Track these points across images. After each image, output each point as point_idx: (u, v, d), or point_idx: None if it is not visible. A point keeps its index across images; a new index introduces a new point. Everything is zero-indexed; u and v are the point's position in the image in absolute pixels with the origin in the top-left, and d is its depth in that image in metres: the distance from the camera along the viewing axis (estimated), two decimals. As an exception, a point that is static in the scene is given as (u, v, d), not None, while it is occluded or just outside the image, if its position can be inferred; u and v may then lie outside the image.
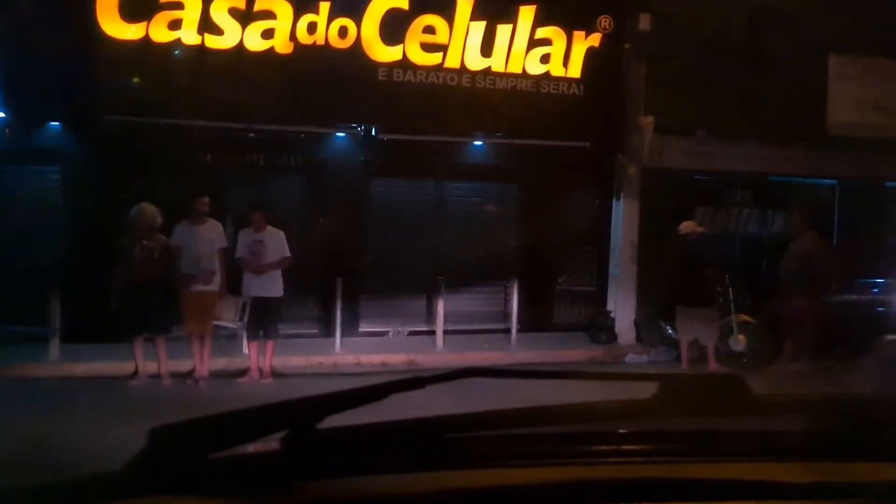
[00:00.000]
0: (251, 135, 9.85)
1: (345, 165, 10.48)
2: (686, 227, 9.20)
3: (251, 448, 1.15)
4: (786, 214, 11.19)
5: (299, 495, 1.04)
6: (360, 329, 10.44)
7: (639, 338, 10.61)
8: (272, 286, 8.01)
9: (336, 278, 9.53)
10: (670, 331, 9.44)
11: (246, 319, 8.07)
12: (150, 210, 7.81)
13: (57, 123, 9.69)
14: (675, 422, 1.19)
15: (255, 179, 10.27)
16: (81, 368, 8.22)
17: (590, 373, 1.42)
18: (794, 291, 8.67)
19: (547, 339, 10.50)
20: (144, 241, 7.71)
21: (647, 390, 1.13)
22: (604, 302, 11.16)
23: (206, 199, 8.00)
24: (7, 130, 9.44)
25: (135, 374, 7.86)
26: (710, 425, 1.19)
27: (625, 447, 1.16)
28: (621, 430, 1.20)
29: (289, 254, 8.12)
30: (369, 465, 1.08)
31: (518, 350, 9.74)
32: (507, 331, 10.22)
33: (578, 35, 10.57)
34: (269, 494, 1.03)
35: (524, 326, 10.30)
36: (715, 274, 9.03)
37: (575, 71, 10.61)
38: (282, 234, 8.14)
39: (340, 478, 1.06)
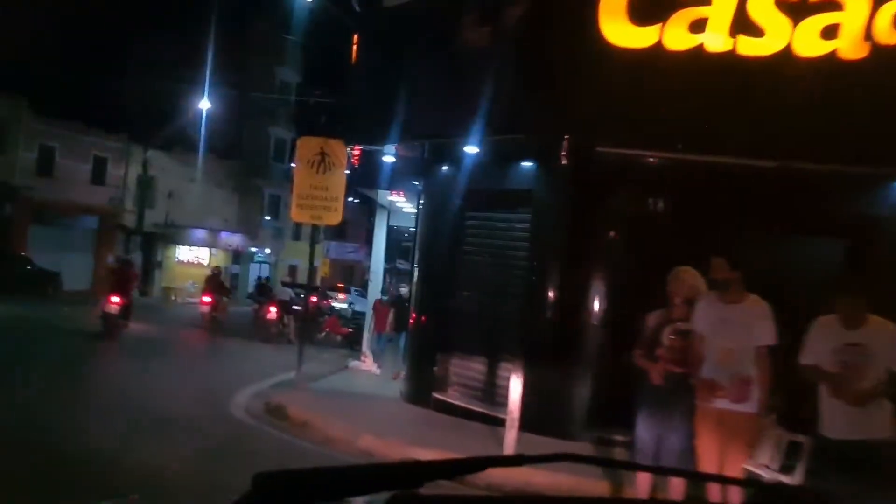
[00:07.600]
0: (779, 177, 6.97)
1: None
2: None
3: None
4: None
5: None
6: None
7: None
8: (879, 424, 4.60)
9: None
10: None
11: (799, 471, 5.13)
12: (689, 277, 5.32)
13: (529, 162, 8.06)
14: None
15: (774, 239, 7.38)
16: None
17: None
18: None
19: None
20: (678, 323, 5.24)
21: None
22: None
23: (723, 261, 5.23)
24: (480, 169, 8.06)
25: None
26: None
27: None
28: None
29: None
30: None
31: None
32: None
33: None
34: None
35: None
36: None
37: None
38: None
39: None
